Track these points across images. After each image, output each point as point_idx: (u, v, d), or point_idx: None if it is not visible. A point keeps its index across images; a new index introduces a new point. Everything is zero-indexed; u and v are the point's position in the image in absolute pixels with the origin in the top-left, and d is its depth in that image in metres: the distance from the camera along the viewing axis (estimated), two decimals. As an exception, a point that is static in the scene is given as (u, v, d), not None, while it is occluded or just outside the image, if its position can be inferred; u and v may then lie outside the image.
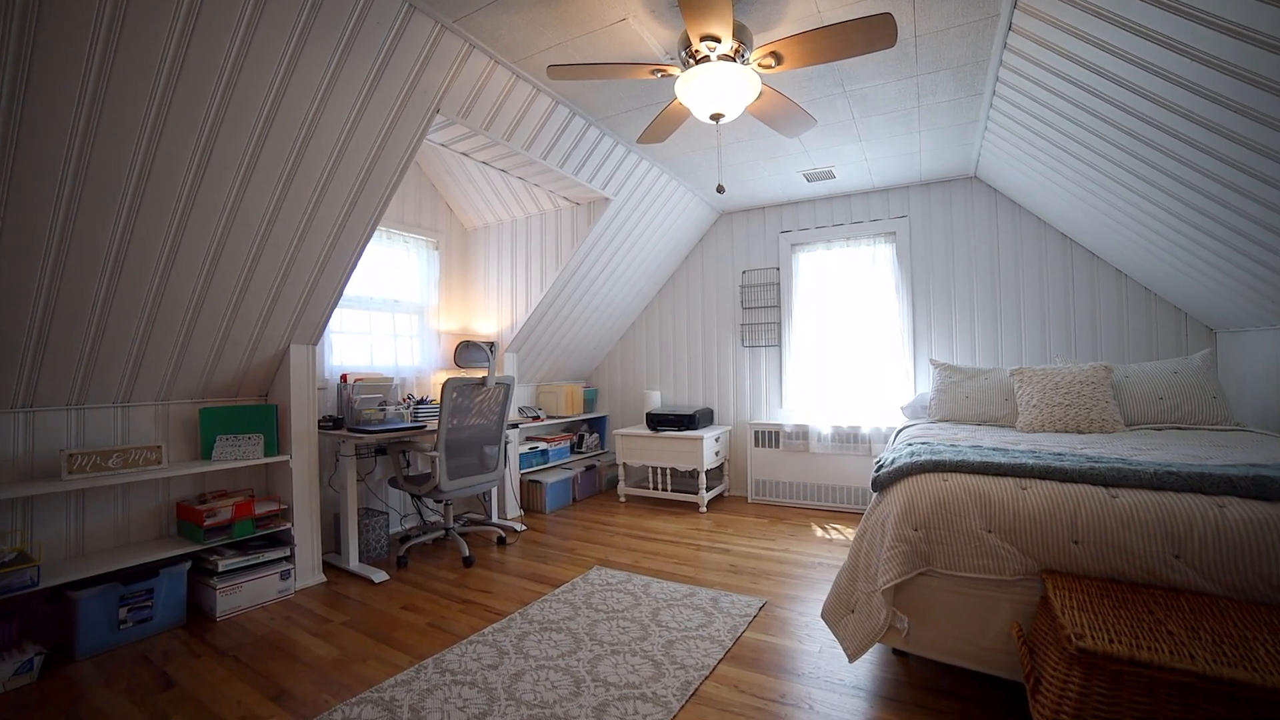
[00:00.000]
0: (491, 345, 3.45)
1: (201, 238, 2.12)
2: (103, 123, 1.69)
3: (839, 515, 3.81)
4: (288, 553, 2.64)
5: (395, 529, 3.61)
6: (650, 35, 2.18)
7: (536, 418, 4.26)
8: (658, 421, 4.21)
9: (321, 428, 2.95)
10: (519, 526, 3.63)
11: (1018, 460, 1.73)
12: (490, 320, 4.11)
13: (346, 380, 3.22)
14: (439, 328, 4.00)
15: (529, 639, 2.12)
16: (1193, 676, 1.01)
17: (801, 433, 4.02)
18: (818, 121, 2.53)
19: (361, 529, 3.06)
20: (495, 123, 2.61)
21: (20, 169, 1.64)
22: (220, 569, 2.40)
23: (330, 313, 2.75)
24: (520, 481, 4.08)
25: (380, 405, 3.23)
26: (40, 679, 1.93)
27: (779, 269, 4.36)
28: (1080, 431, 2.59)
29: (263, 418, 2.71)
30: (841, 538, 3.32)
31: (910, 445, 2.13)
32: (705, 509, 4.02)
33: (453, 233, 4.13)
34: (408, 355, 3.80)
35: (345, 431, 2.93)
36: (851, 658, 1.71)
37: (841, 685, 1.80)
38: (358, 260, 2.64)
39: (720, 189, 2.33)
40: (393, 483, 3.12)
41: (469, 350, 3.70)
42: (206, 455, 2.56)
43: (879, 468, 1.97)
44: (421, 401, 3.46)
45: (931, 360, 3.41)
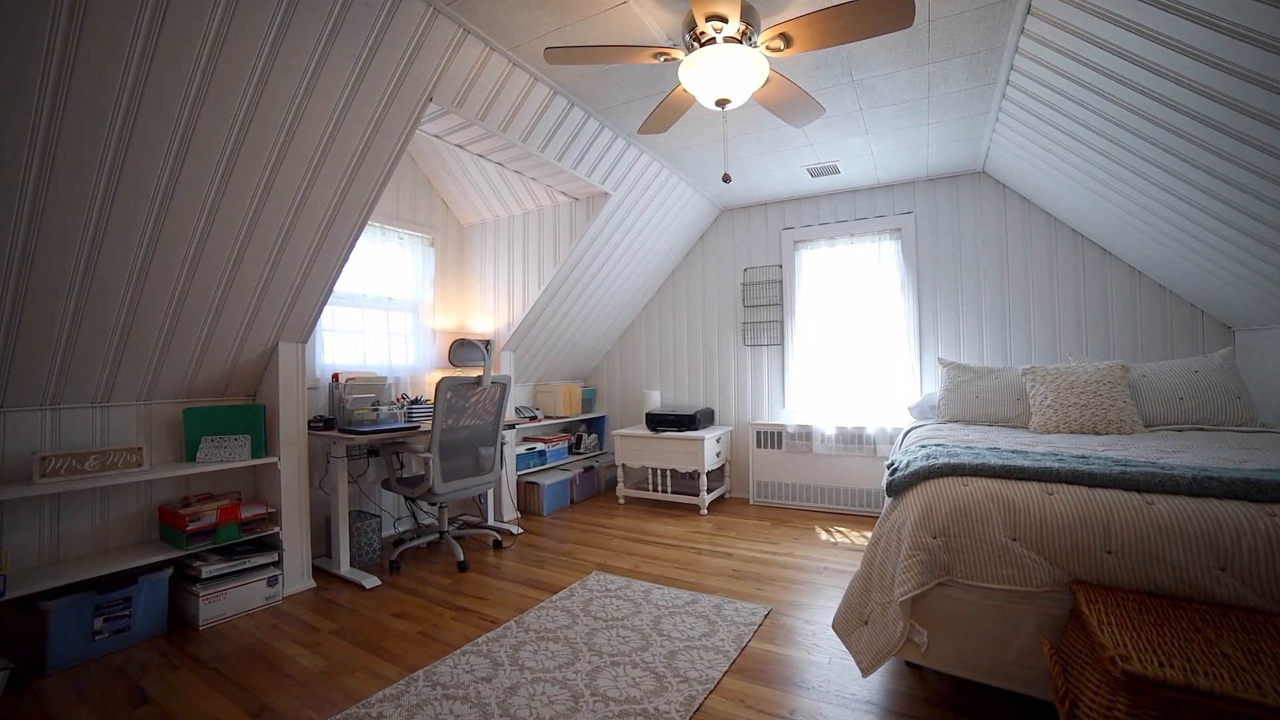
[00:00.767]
0: (488, 344, 3.35)
1: (182, 230, 2.02)
2: (69, 109, 1.58)
3: (844, 518, 3.71)
4: (275, 558, 2.54)
5: (388, 532, 3.51)
6: (652, 19, 2.08)
7: (534, 418, 4.16)
8: (658, 422, 4.11)
9: (312, 428, 2.85)
10: (515, 529, 3.53)
11: (1041, 463, 1.63)
12: (487, 318, 4.01)
13: (338, 379, 3.12)
14: (434, 326, 3.90)
15: (525, 649, 2.02)
16: (1265, 710, 0.90)
17: (805, 433, 3.92)
18: (826, 110, 2.44)
19: (353, 532, 2.96)
20: (491, 112, 2.51)
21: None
22: (204, 575, 2.29)
23: (320, 310, 2.65)
24: (517, 483, 3.98)
25: (373, 405, 3.13)
26: (6, 695, 1.82)
27: (781, 266, 4.27)
28: (1097, 433, 2.50)
29: (250, 418, 2.61)
30: (847, 541, 3.23)
31: (924, 447, 2.04)
32: (706, 511, 3.92)
33: (449, 229, 4.03)
34: (402, 354, 3.71)
35: (336, 432, 2.84)
36: (866, 672, 1.61)
37: (854, 700, 1.71)
38: (348, 256, 2.54)
39: (726, 178, 2.24)
40: (385, 485, 3.02)
41: (464, 349, 3.60)
42: (191, 457, 2.46)
43: (892, 470, 1.87)
44: (416, 401, 3.36)
45: (940, 359, 3.31)
